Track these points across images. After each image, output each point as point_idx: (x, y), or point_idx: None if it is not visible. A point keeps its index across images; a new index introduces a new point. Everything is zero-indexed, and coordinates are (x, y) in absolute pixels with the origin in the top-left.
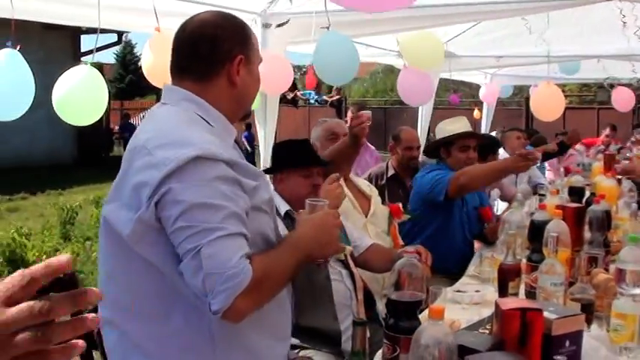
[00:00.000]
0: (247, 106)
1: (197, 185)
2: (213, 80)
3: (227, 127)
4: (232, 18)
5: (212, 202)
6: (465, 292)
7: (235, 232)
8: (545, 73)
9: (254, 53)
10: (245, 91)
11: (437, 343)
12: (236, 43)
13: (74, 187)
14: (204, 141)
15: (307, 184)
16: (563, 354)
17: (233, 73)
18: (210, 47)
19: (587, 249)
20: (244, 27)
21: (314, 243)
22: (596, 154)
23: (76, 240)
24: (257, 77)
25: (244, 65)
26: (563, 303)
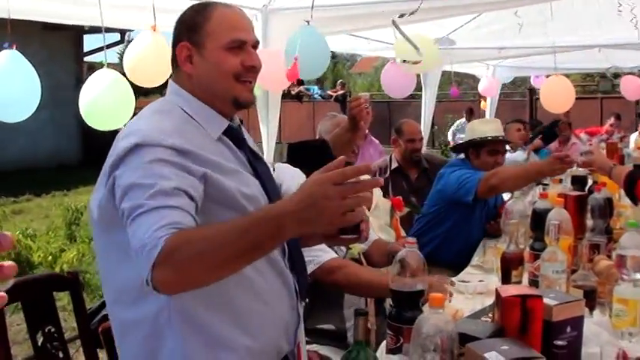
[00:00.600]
0: (221, 93)
1: (132, 169)
2: (177, 71)
3: (210, 117)
4: (195, 5)
5: (141, 182)
6: (469, 282)
7: (158, 205)
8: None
9: (208, 37)
10: (204, 78)
11: (438, 332)
12: (182, 30)
13: (79, 188)
14: (154, 129)
15: None
16: (564, 339)
17: (180, 61)
18: (172, 39)
19: (590, 236)
20: (198, 11)
21: (290, 217)
22: (599, 142)
23: (82, 240)
24: (216, 62)
25: (195, 51)
26: (565, 290)
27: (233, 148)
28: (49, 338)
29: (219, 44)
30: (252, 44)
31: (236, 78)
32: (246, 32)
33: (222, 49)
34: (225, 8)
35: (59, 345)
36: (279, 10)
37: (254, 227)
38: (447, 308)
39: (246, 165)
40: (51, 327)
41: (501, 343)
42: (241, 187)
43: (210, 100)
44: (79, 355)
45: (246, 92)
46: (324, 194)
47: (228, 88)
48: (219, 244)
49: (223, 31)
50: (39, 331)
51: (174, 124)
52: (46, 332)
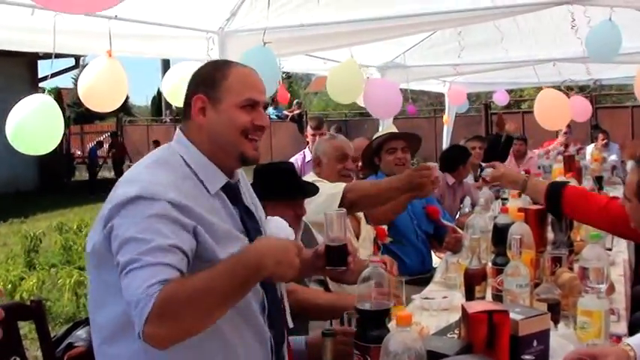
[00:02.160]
0: (229, 148)
1: (131, 222)
2: (187, 120)
3: (210, 173)
4: (214, 62)
5: (139, 236)
6: (433, 298)
7: (153, 262)
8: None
9: (225, 93)
10: (215, 131)
11: (406, 350)
12: (199, 84)
13: (37, 214)
14: (153, 181)
15: (291, 214)
16: (532, 354)
17: (194, 113)
18: (186, 90)
19: (551, 249)
20: (217, 68)
21: (269, 258)
22: (556, 155)
23: (41, 267)
24: (229, 118)
25: (209, 105)
26: (529, 304)
27: (227, 205)
28: None
29: (234, 101)
30: (264, 105)
31: (245, 135)
32: (260, 93)
33: (237, 107)
34: (243, 68)
35: None
36: (235, 32)
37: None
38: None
39: (237, 222)
40: (16, 357)
41: (469, 359)
42: (228, 250)
43: (216, 154)
44: None
45: (252, 149)
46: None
47: (236, 143)
48: (206, 291)
49: (240, 89)
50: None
51: (174, 177)
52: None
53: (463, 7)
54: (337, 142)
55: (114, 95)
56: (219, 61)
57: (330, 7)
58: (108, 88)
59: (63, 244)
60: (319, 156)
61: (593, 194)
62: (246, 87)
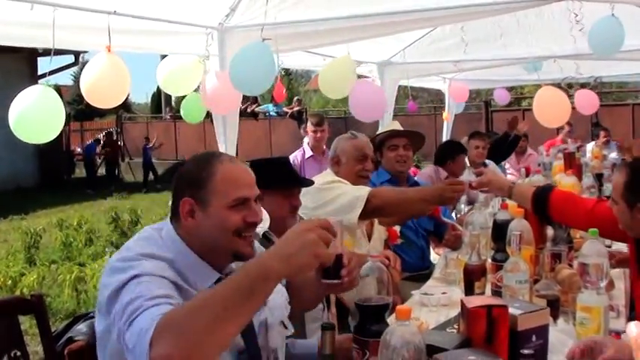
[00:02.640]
0: (221, 249)
1: (130, 290)
2: (176, 219)
3: (201, 272)
4: (197, 159)
5: (135, 295)
6: (432, 294)
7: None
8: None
9: (212, 195)
10: (206, 234)
11: (405, 344)
12: (185, 185)
13: (37, 211)
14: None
15: (287, 204)
16: (531, 348)
17: (182, 216)
18: (173, 189)
19: (551, 246)
20: (202, 167)
21: (272, 256)
22: (556, 153)
23: (42, 263)
24: (219, 220)
25: (198, 208)
26: (529, 300)
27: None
28: None
29: (223, 203)
30: (254, 199)
31: (237, 234)
32: (249, 189)
33: (226, 207)
34: (229, 164)
35: None
36: (234, 28)
37: (242, 275)
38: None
39: None
40: (17, 351)
41: (469, 353)
42: None
43: (208, 254)
44: None
45: (246, 247)
46: (303, 229)
47: (229, 243)
48: (207, 301)
49: (228, 189)
50: (4, 355)
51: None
52: (12, 356)
53: (463, 3)
54: (358, 142)
55: (116, 91)
56: (203, 157)
57: (330, 2)
58: (110, 83)
59: (63, 240)
60: (339, 155)
61: (580, 198)
62: (234, 185)
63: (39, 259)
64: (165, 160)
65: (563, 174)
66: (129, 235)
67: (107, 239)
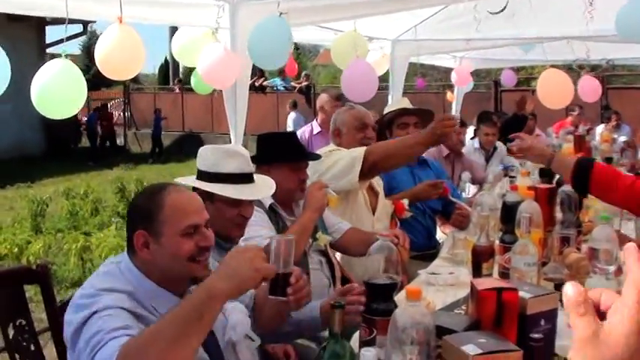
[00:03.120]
0: (178, 276)
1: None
2: (131, 253)
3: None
4: (146, 192)
5: (96, 330)
6: (439, 274)
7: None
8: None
9: (163, 226)
10: (161, 264)
11: (415, 325)
12: (137, 219)
13: (44, 180)
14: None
15: (295, 178)
16: (539, 332)
17: (137, 248)
18: (126, 222)
19: (559, 229)
20: (151, 199)
21: (216, 278)
22: (565, 135)
23: (48, 232)
24: (173, 249)
25: (151, 239)
26: (536, 283)
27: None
28: (20, 331)
29: (174, 231)
30: (205, 224)
31: (192, 260)
32: (198, 215)
33: (178, 236)
34: (176, 193)
35: (30, 338)
36: (247, 0)
37: (191, 299)
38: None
39: None
40: (22, 320)
41: (478, 336)
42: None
43: (166, 281)
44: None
45: (201, 270)
46: (242, 249)
47: (185, 269)
48: (164, 325)
49: (177, 218)
50: (10, 324)
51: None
52: (17, 325)
53: None
54: (356, 112)
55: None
56: (151, 189)
57: None
58: (124, 55)
59: (69, 209)
60: (339, 127)
61: (620, 173)
62: (183, 214)
63: (45, 228)
64: (173, 131)
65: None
66: None
67: (113, 209)
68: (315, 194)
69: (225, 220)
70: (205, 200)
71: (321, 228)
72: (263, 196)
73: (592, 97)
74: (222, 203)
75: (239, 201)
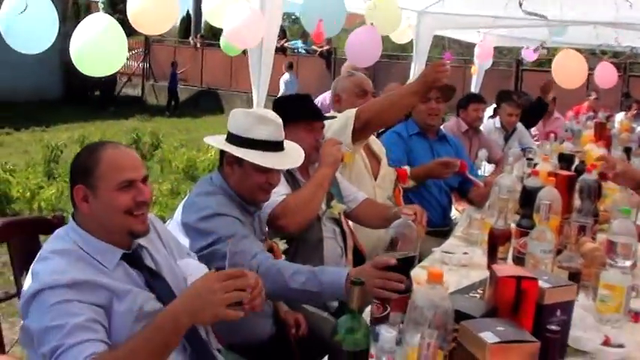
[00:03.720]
0: (117, 229)
1: (40, 314)
2: (75, 208)
3: (105, 252)
4: (87, 148)
5: (53, 324)
6: (453, 253)
7: (75, 342)
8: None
9: (100, 180)
10: (100, 216)
11: (433, 307)
12: (77, 174)
13: (59, 125)
14: (48, 271)
15: (311, 138)
16: (555, 323)
17: (77, 202)
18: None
19: (576, 217)
20: (89, 156)
21: (181, 314)
22: (585, 121)
23: (61, 179)
24: (109, 202)
25: (90, 193)
26: (550, 271)
27: (130, 273)
28: None
29: (110, 185)
30: (142, 180)
31: (129, 213)
32: (134, 171)
33: (114, 190)
34: (113, 150)
35: None
36: None
37: (155, 332)
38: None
39: (142, 286)
40: None
41: (496, 323)
42: (134, 307)
43: (107, 235)
44: None
45: (140, 224)
46: (209, 289)
47: (122, 223)
48: (131, 354)
49: (113, 173)
50: (24, 272)
51: (68, 260)
52: None
53: None
54: (357, 79)
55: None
56: (89, 147)
57: None
58: (156, 10)
59: None
60: (339, 93)
61: None
62: (119, 169)
63: (58, 174)
64: (190, 86)
65: (593, 144)
66: (148, 158)
67: None
68: (328, 150)
69: (253, 184)
70: (234, 163)
71: (336, 196)
72: (292, 166)
73: (607, 83)
74: (251, 168)
75: (268, 168)
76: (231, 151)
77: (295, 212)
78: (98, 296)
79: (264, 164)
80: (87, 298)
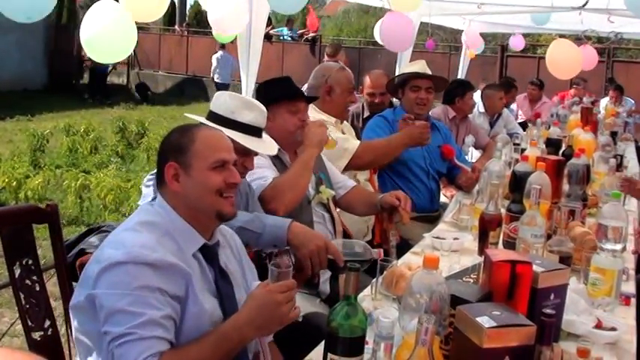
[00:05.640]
0: (206, 208)
1: (120, 294)
2: (162, 187)
3: (188, 235)
4: (180, 128)
5: (129, 309)
6: (444, 238)
7: (147, 336)
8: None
9: (194, 158)
10: (190, 195)
11: (430, 292)
12: (169, 152)
13: (44, 114)
14: (137, 244)
15: (295, 120)
16: (548, 307)
17: (168, 180)
18: (157, 158)
19: (566, 202)
20: (184, 134)
21: (248, 327)
22: (571, 105)
23: (47, 168)
24: (202, 181)
25: (182, 171)
26: (541, 255)
27: (203, 266)
28: (26, 270)
29: (204, 164)
30: (233, 162)
31: (219, 194)
32: (227, 152)
33: (207, 169)
34: (208, 131)
35: (36, 277)
36: None
37: (222, 342)
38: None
39: (211, 284)
40: (29, 259)
41: (492, 308)
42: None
43: (194, 215)
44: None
45: (228, 206)
46: (275, 302)
47: (212, 203)
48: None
49: (208, 152)
50: (17, 262)
51: (157, 235)
52: (23, 264)
53: None
54: (349, 75)
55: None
56: (184, 126)
57: None
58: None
59: (69, 146)
60: (333, 85)
61: None
62: (214, 149)
63: (44, 163)
64: (176, 74)
65: (580, 129)
66: (134, 147)
67: (113, 149)
68: (314, 130)
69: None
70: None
71: (326, 183)
72: (269, 153)
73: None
74: None
75: (248, 151)
76: (215, 127)
77: (284, 193)
78: (179, 286)
79: (247, 145)
80: (169, 287)
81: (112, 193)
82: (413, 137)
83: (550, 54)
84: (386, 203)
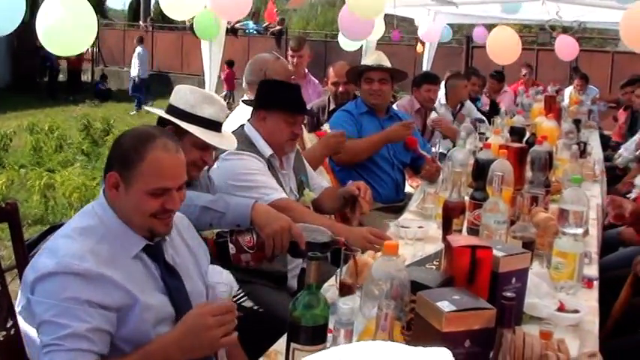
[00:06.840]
0: (138, 225)
1: (49, 304)
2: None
3: (128, 237)
4: (136, 137)
5: (56, 320)
6: (408, 227)
7: (70, 348)
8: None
9: (136, 178)
10: (126, 210)
11: (390, 278)
12: (115, 160)
13: (7, 113)
14: (69, 253)
15: (288, 131)
16: (510, 290)
17: (107, 188)
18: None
19: (529, 188)
20: (136, 147)
21: (174, 348)
22: (535, 94)
23: (11, 167)
24: (137, 203)
25: (122, 184)
26: (505, 241)
27: (148, 265)
28: None
29: (144, 188)
30: (177, 188)
31: (154, 217)
32: (173, 180)
33: (146, 193)
34: (161, 153)
35: None
36: None
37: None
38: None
39: (158, 281)
40: None
41: (452, 292)
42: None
43: (130, 224)
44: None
45: (163, 227)
46: (205, 325)
47: (145, 223)
48: None
49: (151, 178)
50: None
51: (92, 242)
52: None
53: None
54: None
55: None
56: (141, 136)
57: None
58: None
59: (33, 144)
60: (272, 77)
61: None
62: (159, 176)
63: (8, 163)
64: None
65: (543, 117)
66: (100, 144)
67: (77, 147)
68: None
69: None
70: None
71: (307, 185)
72: (229, 149)
73: (568, 56)
74: (190, 144)
75: (207, 146)
76: (175, 121)
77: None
78: (112, 296)
79: (207, 140)
80: (100, 298)
81: (77, 191)
82: (399, 135)
83: (490, 41)
84: (347, 193)
